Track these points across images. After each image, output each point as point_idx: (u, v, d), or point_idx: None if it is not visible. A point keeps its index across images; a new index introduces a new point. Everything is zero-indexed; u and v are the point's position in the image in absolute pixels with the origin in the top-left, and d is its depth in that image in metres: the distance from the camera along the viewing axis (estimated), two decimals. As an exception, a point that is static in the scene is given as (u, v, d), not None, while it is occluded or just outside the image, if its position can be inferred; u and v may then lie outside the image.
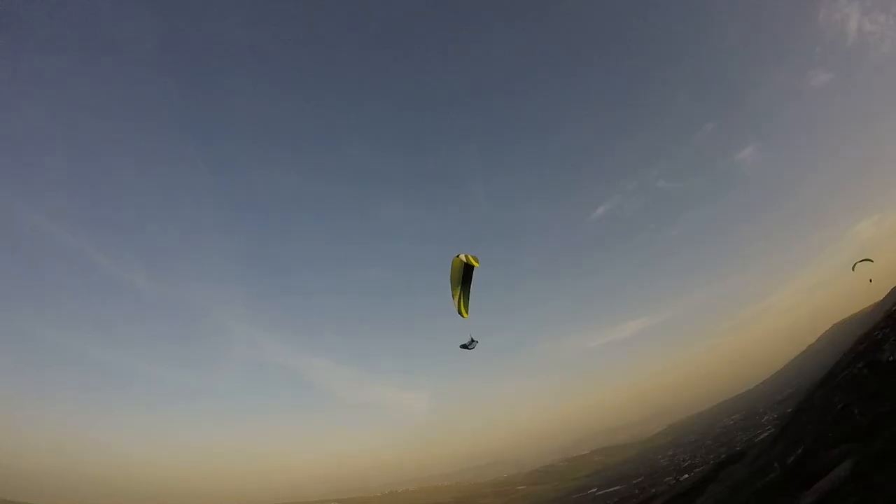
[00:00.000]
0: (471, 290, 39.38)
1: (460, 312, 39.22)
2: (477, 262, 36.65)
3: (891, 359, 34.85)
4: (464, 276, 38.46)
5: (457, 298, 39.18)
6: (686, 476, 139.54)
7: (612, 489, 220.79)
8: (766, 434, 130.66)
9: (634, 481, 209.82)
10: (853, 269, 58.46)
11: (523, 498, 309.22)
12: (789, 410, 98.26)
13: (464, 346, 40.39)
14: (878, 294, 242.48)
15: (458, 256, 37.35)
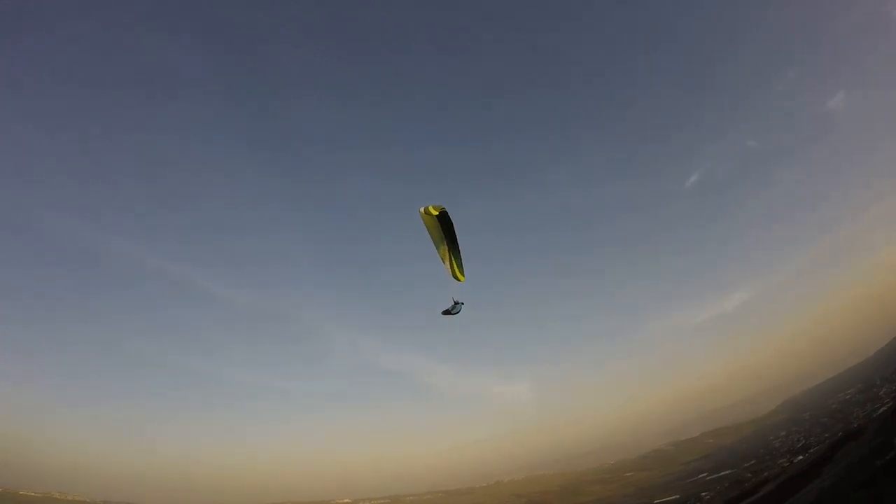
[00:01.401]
0: (460, 249, 34.00)
1: (455, 277, 34.18)
2: (436, 210, 32.36)
3: None
4: (445, 232, 33.46)
5: (448, 261, 34.07)
6: (800, 457, 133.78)
7: (722, 473, 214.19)
8: (884, 408, 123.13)
9: (746, 464, 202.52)
10: None
11: (630, 484, 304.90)
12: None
13: (446, 312, 36.09)
14: None
15: (422, 211, 32.87)
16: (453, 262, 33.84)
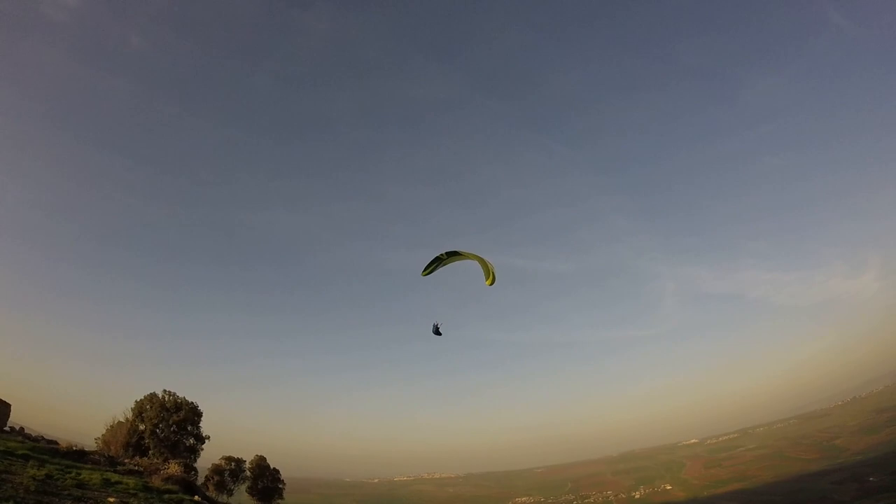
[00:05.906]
0: (468, 253, 35.85)
1: (492, 278, 35.67)
2: (425, 272, 35.29)
3: None
4: (460, 254, 35.49)
5: (484, 264, 35.52)
6: None
7: None
8: None
9: None
10: None
11: None
12: None
13: (437, 332, 38.44)
14: None
15: (428, 272, 35.71)
16: (488, 265, 35.44)
